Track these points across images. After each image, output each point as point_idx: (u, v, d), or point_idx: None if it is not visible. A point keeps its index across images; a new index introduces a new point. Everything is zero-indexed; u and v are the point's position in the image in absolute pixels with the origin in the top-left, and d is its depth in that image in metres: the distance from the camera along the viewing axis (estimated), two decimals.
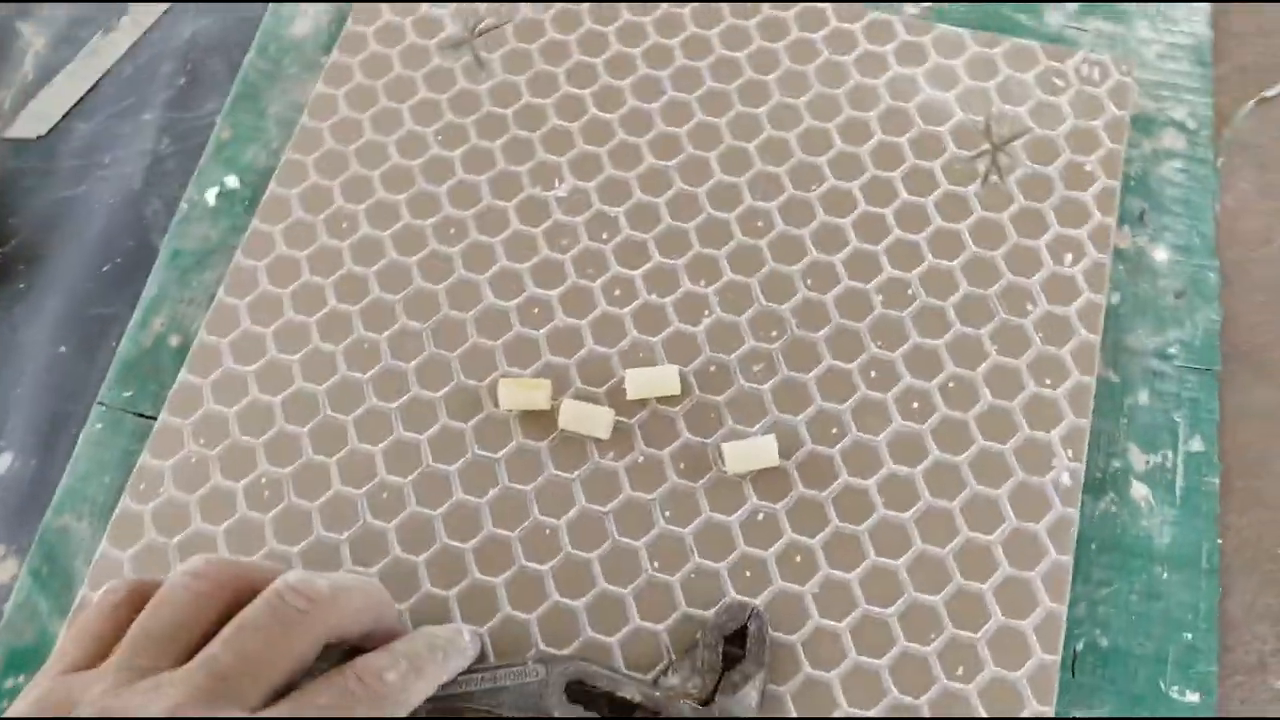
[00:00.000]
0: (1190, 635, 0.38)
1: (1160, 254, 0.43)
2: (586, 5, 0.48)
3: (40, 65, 0.50)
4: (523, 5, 0.48)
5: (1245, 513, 0.40)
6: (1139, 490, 0.40)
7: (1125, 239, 0.44)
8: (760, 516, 0.39)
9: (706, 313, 0.42)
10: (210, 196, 0.46)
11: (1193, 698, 0.37)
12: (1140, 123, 0.45)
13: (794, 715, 0.36)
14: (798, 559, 0.38)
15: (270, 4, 0.50)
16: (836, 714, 0.36)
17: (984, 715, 0.36)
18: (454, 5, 0.48)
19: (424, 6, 0.48)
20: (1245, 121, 0.46)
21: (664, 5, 0.48)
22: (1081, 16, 0.48)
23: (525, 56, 0.47)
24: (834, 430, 0.40)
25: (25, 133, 0.49)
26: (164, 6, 0.51)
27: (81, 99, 0.49)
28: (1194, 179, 0.44)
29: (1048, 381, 0.40)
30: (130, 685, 0.27)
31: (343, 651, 0.32)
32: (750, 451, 0.39)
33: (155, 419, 0.42)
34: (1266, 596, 0.38)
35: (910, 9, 0.48)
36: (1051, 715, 0.36)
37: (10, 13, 0.50)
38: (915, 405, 0.40)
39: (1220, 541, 0.39)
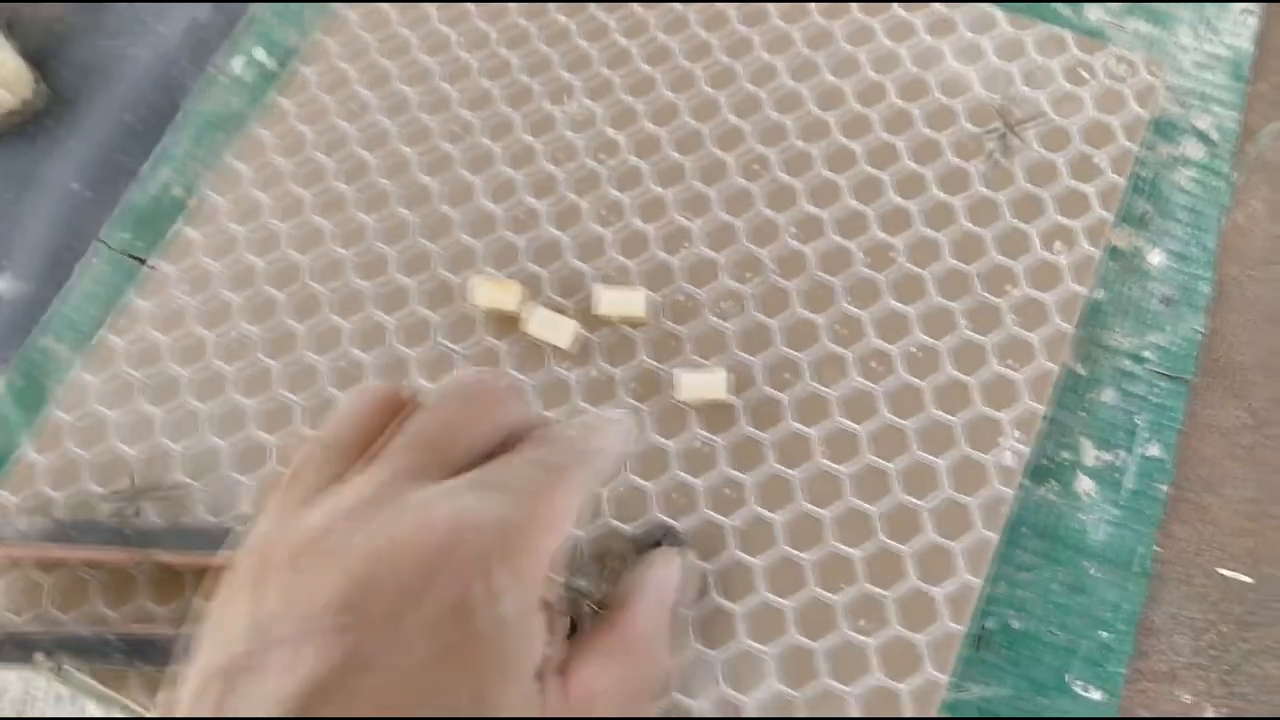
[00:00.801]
0: (1106, 634, 0.37)
1: (1156, 258, 0.42)
2: None
3: None
4: None
5: (1189, 525, 0.39)
6: (1084, 484, 0.39)
7: (1124, 238, 0.43)
8: (699, 444, 0.39)
9: (687, 244, 0.43)
10: (238, 66, 0.48)
11: (1095, 695, 0.36)
12: (1162, 127, 0.45)
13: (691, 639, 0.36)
14: (727, 492, 0.39)
15: None
16: (733, 644, 0.36)
17: (879, 671, 0.36)
18: None
19: None
20: (1270, 141, 0.45)
21: None
22: (1123, 15, 0.47)
23: None
24: (788, 376, 0.40)
25: None
26: None
27: None
28: (1206, 190, 0.44)
29: (1011, 363, 0.40)
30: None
31: None
32: (701, 382, 0.39)
33: (146, 263, 0.44)
34: (1192, 611, 0.38)
35: None
36: (945, 682, 0.36)
37: None
38: (875, 365, 0.40)
39: (1157, 549, 0.38)
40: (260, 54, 0.48)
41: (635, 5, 0.47)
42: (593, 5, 0.47)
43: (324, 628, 0.23)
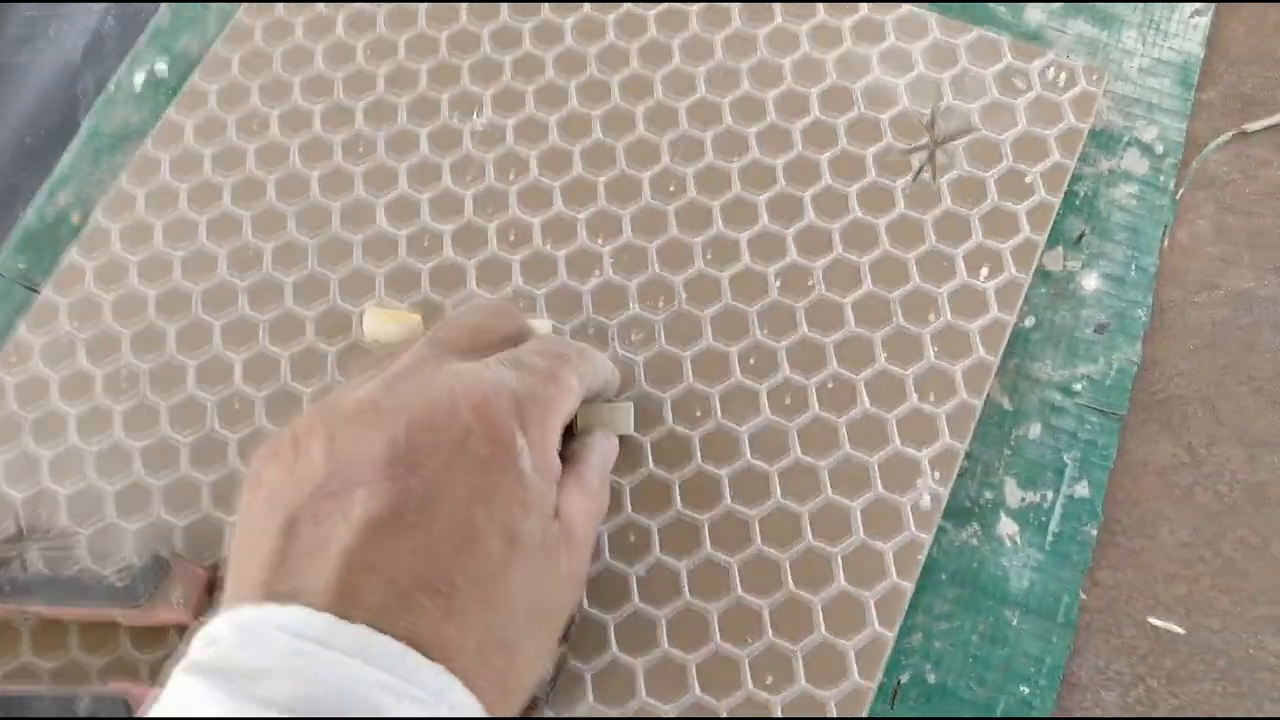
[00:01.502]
0: (1026, 689, 0.35)
1: (1090, 282, 0.40)
2: None
3: None
4: None
5: (1118, 571, 0.37)
6: (1007, 527, 0.37)
7: (1056, 260, 0.40)
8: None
9: (597, 272, 0.41)
10: (138, 81, 0.46)
11: None
12: (1102, 139, 0.42)
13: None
14: (631, 538, 0.37)
15: None
16: (632, 702, 0.35)
17: None
18: None
19: None
20: (1218, 154, 0.42)
21: None
22: (1064, 16, 0.44)
23: None
24: (698, 413, 0.38)
25: None
26: None
27: None
28: (1147, 208, 0.41)
29: (932, 398, 0.38)
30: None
31: None
32: (606, 416, 0.37)
33: (38, 291, 0.42)
34: (1120, 664, 0.36)
35: None
36: None
37: None
38: (788, 400, 0.38)
39: (1084, 597, 0.36)
40: (161, 67, 0.46)
41: (550, 14, 0.45)
42: (506, 15, 0.45)
43: (374, 478, 0.27)
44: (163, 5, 0.47)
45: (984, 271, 0.39)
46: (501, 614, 0.28)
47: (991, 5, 0.44)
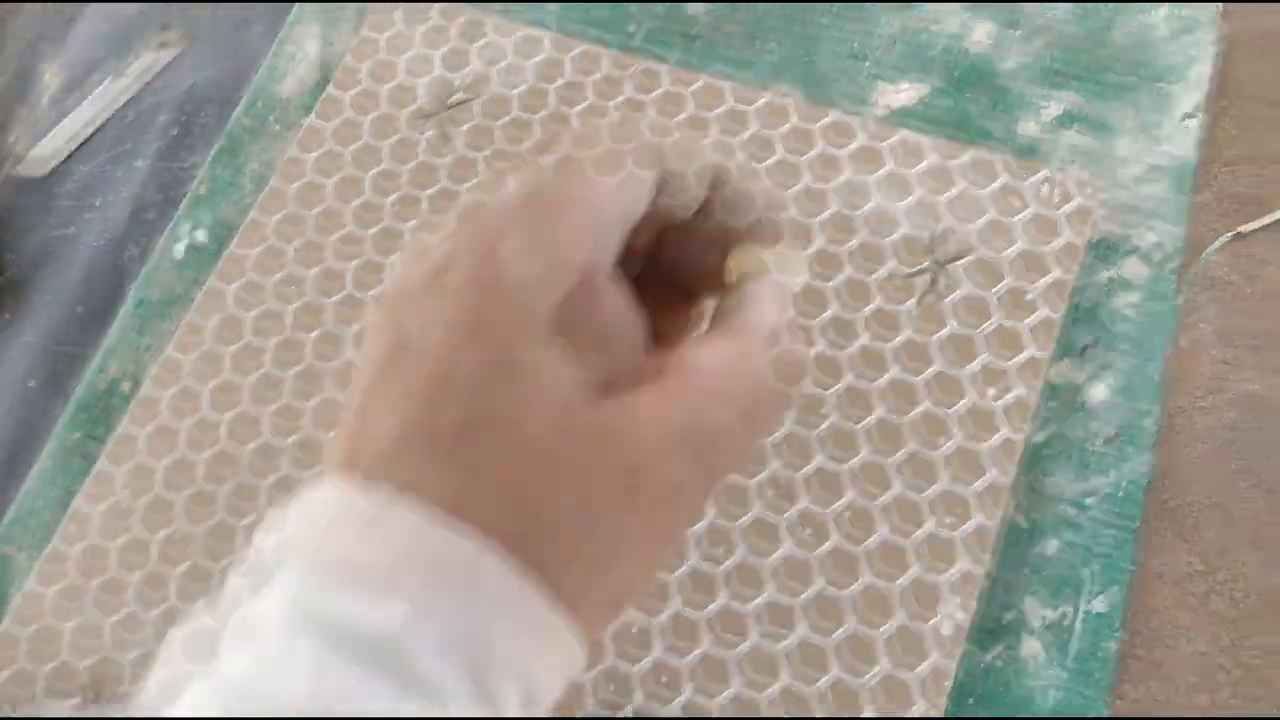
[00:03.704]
0: None
1: (1098, 393, 0.41)
2: (553, 86, 0.48)
3: (54, 106, 0.53)
4: (493, 81, 0.49)
5: (1141, 684, 0.38)
6: (1031, 647, 0.38)
7: (1063, 373, 0.42)
8: (633, 629, 0.39)
9: None
10: (179, 249, 0.49)
11: None
12: (1102, 249, 0.43)
13: None
14: (664, 679, 0.38)
15: (265, 62, 0.52)
16: None
17: None
18: (429, 77, 0.49)
19: (402, 75, 0.50)
20: (1216, 256, 0.43)
21: (627, 93, 0.48)
22: (1057, 128, 0.46)
23: (487, 133, 0.48)
24: (722, 549, 0.40)
25: (32, 171, 0.52)
26: (173, 53, 0.54)
27: (85, 142, 0.52)
28: (1149, 315, 0.42)
29: (948, 521, 0.39)
30: None
31: None
32: (766, 259, 0.28)
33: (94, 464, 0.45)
34: None
35: (880, 109, 0.47)
36: None
37: (34, 56, 0.54)
38: (809, 532, 0.40)
39: (1109, 714, 0.37)
40: (201, 235, 0.49)
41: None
42: None
43: (374, 322, 0.25)
44: (199, 174, 0.50)
45: (992, 391, 0.41)
46: (510, 461, 0.23)
47: (986, 122, 0.46)
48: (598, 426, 0.23)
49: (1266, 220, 0.43)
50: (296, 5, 0.53)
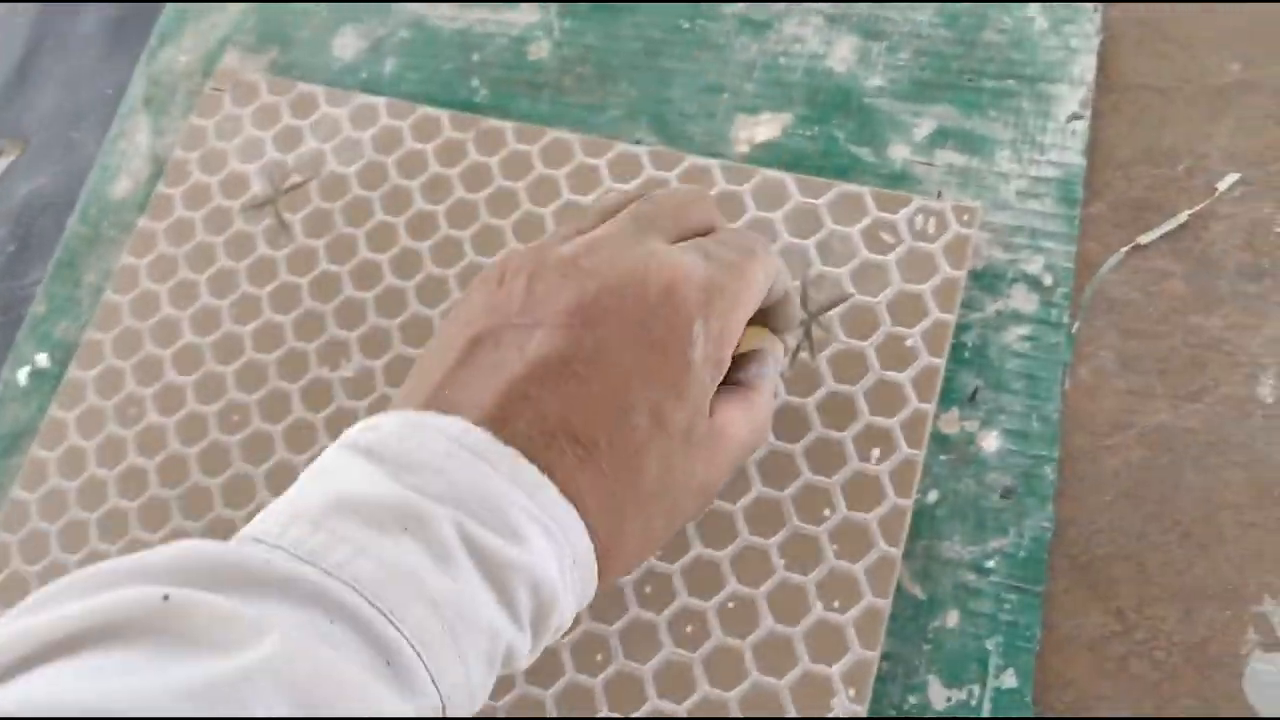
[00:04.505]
0: None
1: (990, 442, 0.38)
2: (392, 158, 0.45)
3: None
4: (329, 159, 0.45)
5: None
6: None
7: (952, 423, 0.38)
8: None
9: None
10: (22, 376, 0.46)
11: None
12: (986, 279, 0.40)
13: None
14: None
15: (98, 160, 0.49)
16: None
17: None
18: (262, 161, 0.46)
19: (234, 162, 0.46)
20: (1113, 274, 0.39)
21: (472, 157, 0.44)
22: (930, 149, 0.42)
23: (327, 217, 0.45)
24: (599, 657, 0.37)
25: None
26: (5, 163, 0.50)
27: None
28: (1042, 348, 0.39)
29: (836, 604, 0.36)
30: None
31: None
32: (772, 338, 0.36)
33: None
34: None
35: (742, 144, 0.43)
36: None
37: None
38: (689, 629, 0.37)
39: None
40: (42, 359, 0.46)
41: (409, 241, 0.44)
42: (365, 250, 0.44)
43: (555, 323, 0.29)
44: (38, 291, 0.47)
45: (875, 453, 0.37)
46: (626, 487, 0.28)
47: (854, 148, 0.42)
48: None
49: (1167, 227, 0.40)
50: (129, 94, 0.50)
